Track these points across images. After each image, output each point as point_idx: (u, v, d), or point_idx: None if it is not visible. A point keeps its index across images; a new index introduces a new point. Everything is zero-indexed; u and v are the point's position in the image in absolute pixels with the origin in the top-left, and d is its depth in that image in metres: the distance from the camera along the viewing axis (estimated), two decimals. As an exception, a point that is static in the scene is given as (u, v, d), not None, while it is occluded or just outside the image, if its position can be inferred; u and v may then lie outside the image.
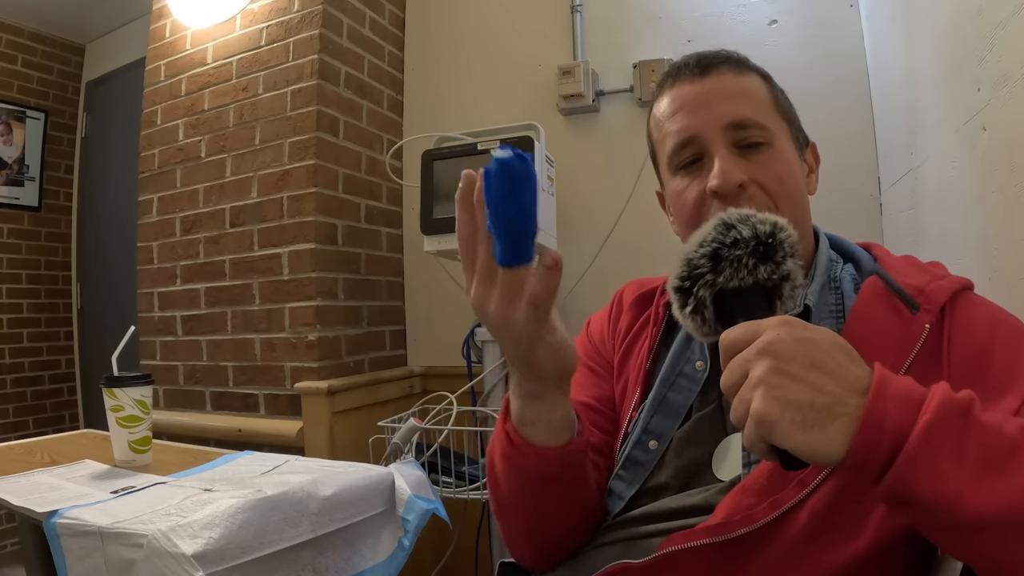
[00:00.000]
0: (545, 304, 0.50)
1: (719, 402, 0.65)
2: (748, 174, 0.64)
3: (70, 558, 0.73)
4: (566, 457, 0.59)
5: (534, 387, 0.56)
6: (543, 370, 0.54)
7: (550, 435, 0.59)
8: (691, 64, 0.69)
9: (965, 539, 0.41)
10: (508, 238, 0.46)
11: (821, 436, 0.41)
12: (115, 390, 1.01)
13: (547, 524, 0.66)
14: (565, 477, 0.61)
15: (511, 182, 0.44)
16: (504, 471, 0.63)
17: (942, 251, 1.04)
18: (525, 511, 0.65)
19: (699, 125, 0.66)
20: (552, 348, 0.53)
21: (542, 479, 0.61)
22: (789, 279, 0.53)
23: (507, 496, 0.64)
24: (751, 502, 0.56)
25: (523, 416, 0.59)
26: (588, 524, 0.68)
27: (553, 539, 0.67)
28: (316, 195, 1.64)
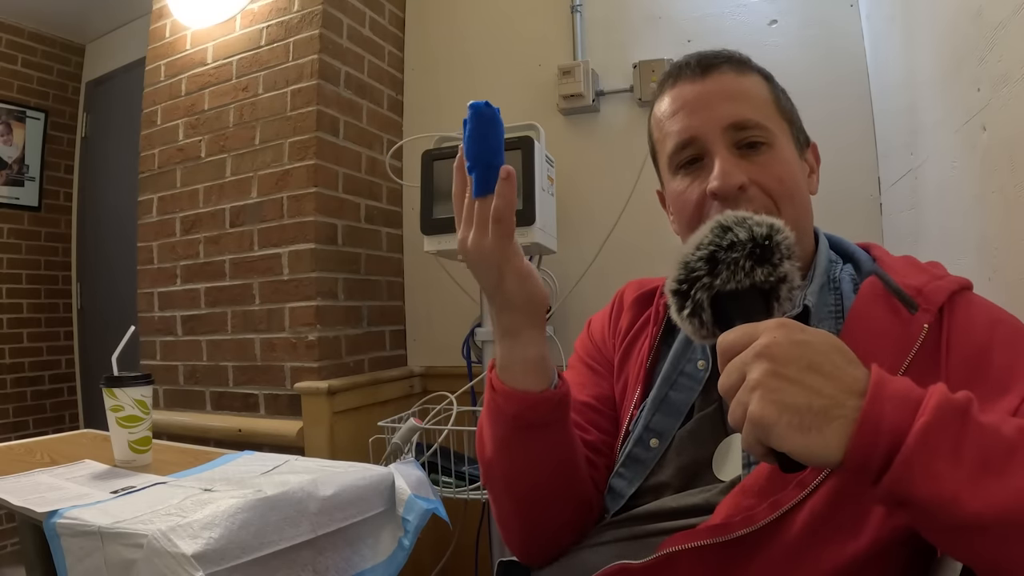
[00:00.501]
0: (506, 216, 0.56)
1: (720, 402, 0.65)
2: (748, 175, 0.64)
3: (70, 558, 0.73)
4: (543, 403, 0.62)
5: (508, 320, 0.61)
6: (513, 296, 0.60)
7: (526, 377, 0.62)
8: (692, 64, 0.69)
9: (964, 540, 0.41)
10: (480, 171, 0.57)
11: (818, 438, 0.41)
12: (115, 390, 1.01)
13: (531, 488, 0.66)
14: (543, 426, 0.63)
15: (481, 123, 0.57)
16: (488, 423, 0.66)
17: (942, 251, 1.04)
18: (507, 468, 0.66)
19: (699, 126, 0.66)
20: (518, 273, 0.59)
21: (522, 426, 0.63)
22: (786, 281, 0.53)
23: (492, 453, 0.66)
24: (751, 503, 0.56)
25: (502, 359, 0.63)
26: (577, 509, 0.68)
27: (538, 513, 0.67)
28: (316, 195, 1.64)
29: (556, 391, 0.63)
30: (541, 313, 0.62)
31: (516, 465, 0.65)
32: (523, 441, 0.64)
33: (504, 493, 0.68)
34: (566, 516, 0.68)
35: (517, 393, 0.62)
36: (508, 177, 0.55)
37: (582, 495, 0.69)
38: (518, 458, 0.65)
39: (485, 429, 0.67)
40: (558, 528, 0.68)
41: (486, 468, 0.68)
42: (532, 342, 0.62)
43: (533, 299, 0.60)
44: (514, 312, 0.61)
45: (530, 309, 0.61)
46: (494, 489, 0.69)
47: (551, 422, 0.63)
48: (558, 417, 0.64)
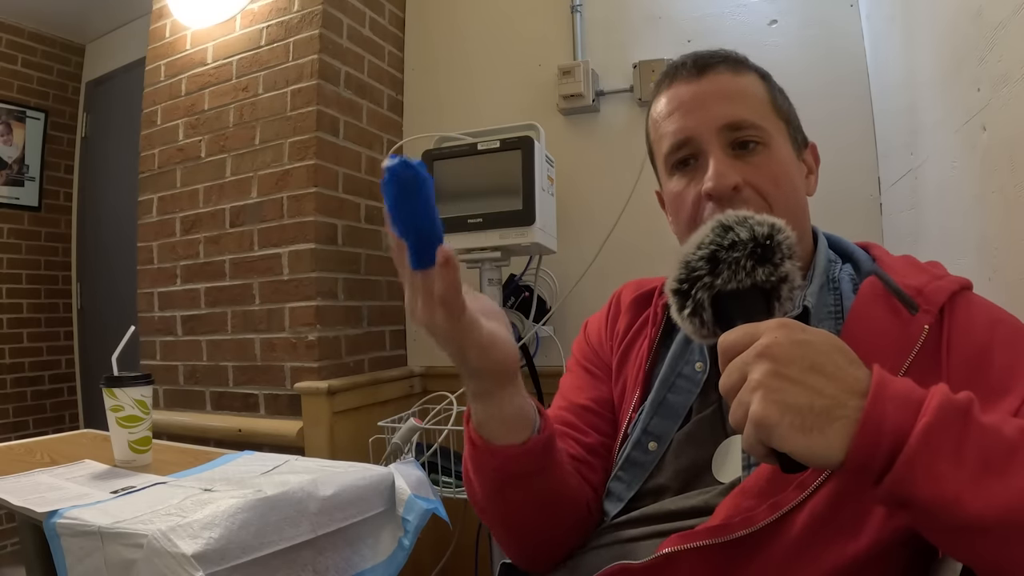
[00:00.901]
0: (451, 302, 0.49)
1: (719, 403, 0.65)
2: (743, 176, 0.64)
3: (70, 558, 0.73)
4: (525, 455, 0.60)
5: (476, 386, 0.57)
6: (476, 368, 0.55)
7: (504, 433, 0.59)
8: (688, 64, 0.69)
9: (965, 541, 0.41)
10: (412, 242, 0.48)
11: (820, 439, 0.41)
12: (115, 390, 1.01)
13: (525, 524, 0.66)
14: (530, 475, 0.61)
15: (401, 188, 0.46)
16: (474, 475, 0.64)
17: (942, 251, 1.04)
18: (500, 512, 0.65)
19: (694, 126, 0.66)
20: (479, 346, 0.53)
21: (506, 478, 0.61)
22: (787, 281, 0.52)
23: (482, 499, 0.65)
24: (751, 504, 0.56)
25: (477, 416, 0.60)
26: (576, 522, 0.68)
27: (536, 539, 0.67)
28: (316, 195, 1.64)
29: (539, 438, 0.60)
30: (510, 375, 0.57)
31: (509, 511, 0.65)
32: (513, 491, 0.62)
33: (500, 529, 0.68)
34: (564, 531, 0.68)
35: (498, 448, 0.59)
36: (447, 263, 0.47)
37: (579, 509, 0.68)
38: (510, 506, 0.64)
39: (472, 478, 0.65)
40: (558, 543, 0.68)
41: (479, 510, 0.68)
42: (505, 401, 0.58)
43: (499, 366, 0.56)
44: (480, 380, 0.57)
45: (497, 376, 0.57)
46: (486, 520, 0.69)
47: (538, 469, 0.61)
48: (545, 463, 0.62)
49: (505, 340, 0.56)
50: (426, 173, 0.46)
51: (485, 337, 0.53)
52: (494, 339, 0.54)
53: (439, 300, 0.49)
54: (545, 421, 0.62)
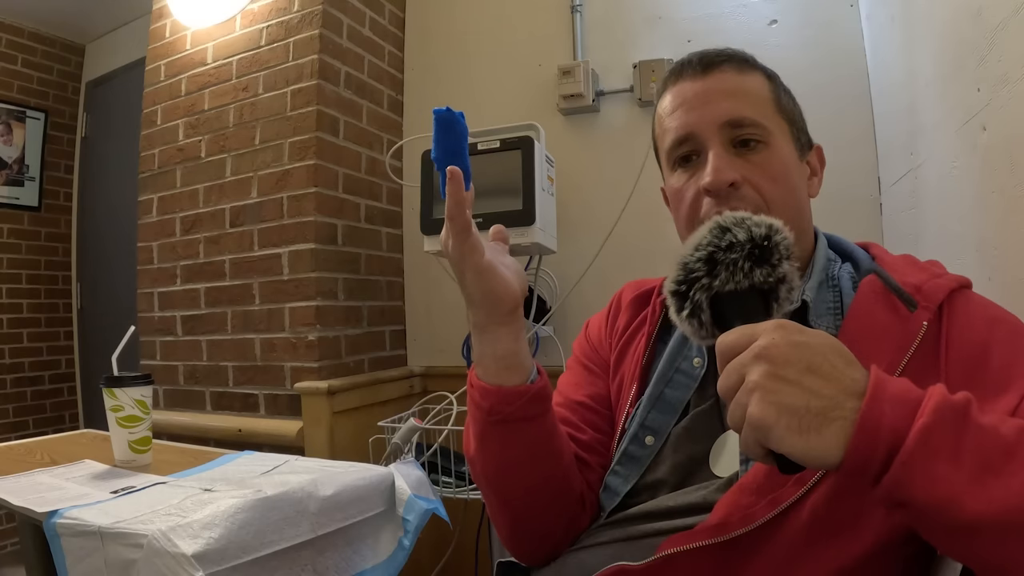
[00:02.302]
0: (455, 214, 0.56)
1: (716, 398, 0.65)
2: (741, 173, 0.64)
3: (70, 558, 0.73)
4: (514, 397, 0.62)
5: (473, 315, 0.62)
6: (471, 292, 0.59)
7: (498, 372, 0.62)
8: (694, 62, 0.69)
9: (963, 541, 0.41)
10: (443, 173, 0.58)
11: (817, 440, 0.41)
12: (115, 390, 1.01)
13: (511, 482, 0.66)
14: (518, 420, 0.63)
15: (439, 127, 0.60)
16: (469, 420, 0.66)
17: (942, 251, 1.04)
18: (488, 463, 0.66)
19: (696, 122, 0.67)
20: (476, 269, 0.58)
21: (495, 421, 0.63)
22: (785, 282, 0.53)
23: (474, 449, 0.66)
24: (749, 501, 0.56)
25: (475, 354, 0.64)
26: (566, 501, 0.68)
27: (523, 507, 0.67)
28: (316, 195, 1.64)
29: (531, 386, 0.63)
30: (506, 310, 0.61)
31: (495, 460, 0.66)
32: (500, 436, 0.64)
33: (488, 489, 0.69)
34: (554, 513, 0.68)
35: (490, 388, 0.62)
36: (452, 177, 0.56)
37: (569, 490, 0.68)
38: (496, 453, 0.65)
39: (468, 425, 0.68)
40: (548, 524, 0.68)
41: (471, 464, 0.69)
42: (500, 338, 0.61)
43: (492, 295, 0.59)
44: (476, 308, 0.61)
45: (490, 305, 0.60)
46: (480, 485, 0.70)
47: (527, 417, 0.63)
48: (534, 412, 0.63)
49: (505, 274, 0.60)
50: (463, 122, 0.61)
51: (484, 263, 0.58)
52: (493, 268, 0.59)
53: (447, 215, 0.56)
54: (541, 377, 0.65)
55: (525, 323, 0.64)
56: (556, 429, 0.67)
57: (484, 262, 0.58)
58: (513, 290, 0.60)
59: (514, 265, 0.63)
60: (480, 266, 0.58)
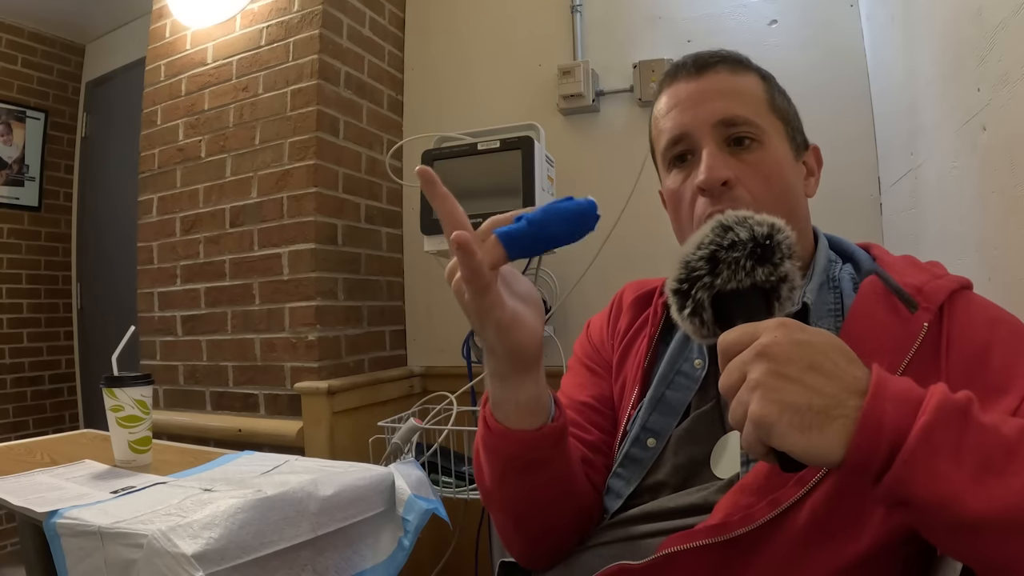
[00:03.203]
0: (479, 277, 0.50)
1: (717, 400, 0.65)
2: (734, 172, 0.64)
3: (70, 558, 0.73)
4: (539, 441, 0.60)
5: (495, 365, 0.58)
6: (496, 347, 0.55)
7: (519, 418, 0.59)
8: (689, 64, 0.70)
9: (965, 540, 0.41)
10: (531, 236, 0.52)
11: (819, 438, 0.41)
12: (115, 390, 1.01)
13: (529, 513, 0.66)
14: (541, 463, 0.61)
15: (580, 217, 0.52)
16: (485, 458, 0.64)
17: (942, 251, 1.04)
18: (507, 499, 0.65)
19: (690, 122, 0.67)
20: (501, 325, 0.53)
21: (517, 464, 0.61)
22: (787, 280, 0.52)
23: (490, 485, 0.65)
24: (750, 501, 0.56)
25: (494, 398, 0.60)
26: (578, 517, 0.68)
27: (538, 531, 0.67)
28: (316, 195, 1.64)
29: (552, 426, 0.60)
30: (530, 360, 0.57)
31: (516, 498, 0.65)
32: (522, 477, 0.62)
33: (503, 516, 0.68)
34: (566, 525, 0.68)
35: (512, 433, 0.59)
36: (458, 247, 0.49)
37: (582, 505, 0.68)
38: (517, 492, 0.64)
39: (483, 462, 0.65)
40: (559, 536, 0.68)
41: (485, 496, 0.68)
42: (524, 385, 0.58)
43: (517, 349, 0.55)
44: (498, 361, 0.57)
45: (514, 359, 0.56)
46: (493, 512, 0.69)
47: (549, 458, 0.62)
48: (556, 452, 0.62)
49: (529, 324, 0.56)
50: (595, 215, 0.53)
51: (507, 316, 0.53)
52: (517, 321, 0.54)
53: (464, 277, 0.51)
54: (560, 411, 0.62)
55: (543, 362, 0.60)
56: (573, 460, 0.66)
57: (507, 315, 0.53)
58: (538, 336, 0.57)
59: (532, 294, 0.58)
60: (502, 321, 0.53)
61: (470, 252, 0.49)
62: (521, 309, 0.55)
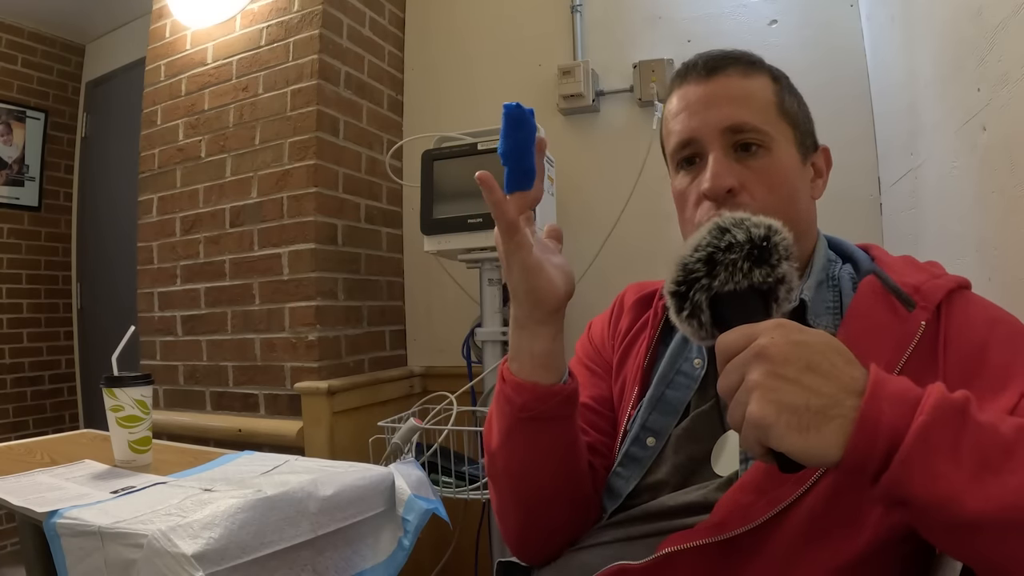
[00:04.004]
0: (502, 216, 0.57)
1: (717, 399, 0.65)
2: (740, 179, 0.64)
3: (70, 558, 0.73)
4: (548, 396, 0.62)
5: (515, 311, 0.62)
6: (516, 287, 0.60)
7: (533, 370, 0.62)
8: (699, 65, 0.69)
9: (963, 539, 0.41)
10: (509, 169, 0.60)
11: (817, 438, 0.41)
12: (115, 390, 1.01)
13: (530, 478, 0.66)
14: (548, 419, 0.63)
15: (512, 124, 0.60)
16: (495, 412, 0.66)
17: (942, 251, 1.04)
18: (510, 456, 0.66)
19: (698, 127, 0.67)
20: (522, 266, 0.59)
21: (526, 418, 0.63)
22: (784, 282, 0.53)
23: (496, 443, 0.66)
24: (749, 500, 0.57)
25: (512, 348, 0.64)
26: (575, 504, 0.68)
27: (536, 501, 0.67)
28: (316, 195, 1.64)
29: (564, 386, 0.63)
30: (549, 309, 0.61)
31: (519, 456, 0.66)
32: (528, 433, 0.64)
33: (506, 486, 0.68)
34: (565, 514, 0.68)
35: (525, 384, 0.62)
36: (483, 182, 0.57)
37: (582, 495, 0.69)
38: (521, 449, 0.65)
39: (493, 419, 0.68)
40: (556, 526, 0.68)
41: (490, 458, 0.69)
42: (539, 336, 0.62)
43: (536, 293, 0.60)
44: (519, 304, 0.61)
45: (533, 303, 0.60)
46: (496, 481, 0.70)
47: (556, 417, 0.63)
48: (564, 413, 0.64)
49: (550, 276, 0.60)
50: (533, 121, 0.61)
51: (532, 260, 0.59)
52: (541, 267, 0.60)
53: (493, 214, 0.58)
54: (573, 379, 0.65)
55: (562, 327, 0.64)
56: (579, 432, 0.68)
57: (532, 260, 0.59)
58: (558, 290, 0.61)
59: (564, 265, 0.63)
60: (527, 263, 0.58)
61: (490, 186, 0.56)
62: (549, 263, 0.61)
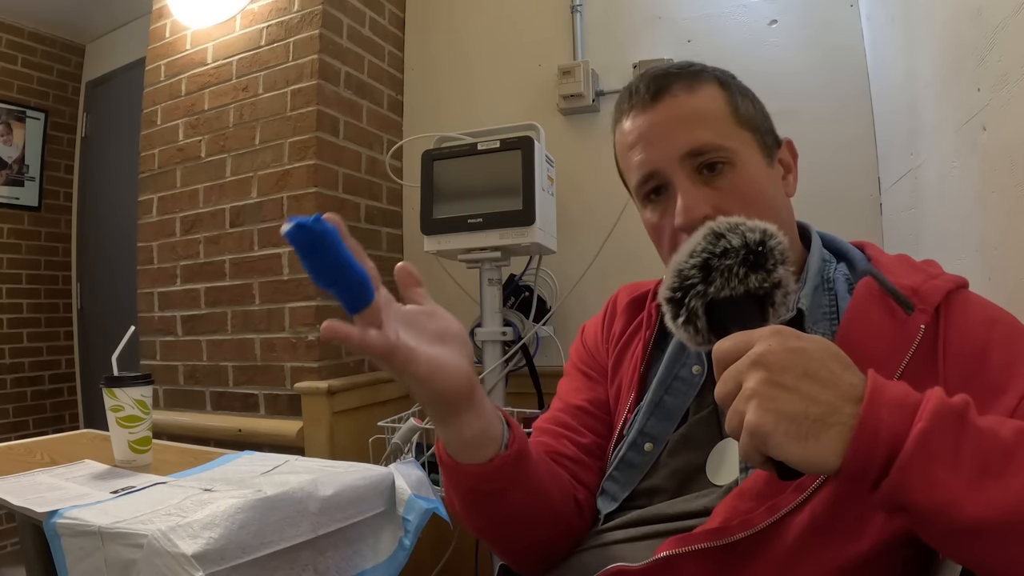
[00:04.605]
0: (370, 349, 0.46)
1: (715, 406, 0.65)
2: (711, 204, 0.63)
3: (70, 558, 0.73)
4: (492, 473, 0.58)
5: (430, 411, 0.55)
6: (423, 398, 0.52)
7: (468, 453, 0.58)
8: (642, 90, 0.67)
9: (963, 544, 0.41)
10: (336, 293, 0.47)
11: (816, 446, 0.41)
12: (115, 390, 1.01)
13: (503, 535, 0.66)
14: (500, 492, 0.60)
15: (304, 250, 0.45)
16: (449, 489, 0.63)
17: (942, 251, 1.04)
18: (478, 525, 0.65)
19: (656, 158, 0.65)
20: (418, 378, 0.50)
21: (478, 495, 0.60)
22: (781, 286, 0.52)
23: (460, 512, 0.65)
24: (749, 506, 0.56)
25: (443, 438, 0.59)
26: (559, 530, 0.68)
27: (518, 548, 0.68)
28: (316, 195, 1.64)
29: (507, 455, 0.58)
30: (463, 400, 0.54)
31: (486, 524, 0.65)
32: (486, 506, 0.62)
33: (483, 539, 0.68)
34: (550, 539, 0.68)
35: (466, 468, 0.58)
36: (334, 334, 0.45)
37: (563, 518, 0.68)
38: (486, 519, 0.64)
39: (449, 492, 0.64)
40: (546, 550, 0.68)
41: (461, 520, 0.67)
42: (464, 425, 0.55)
43: (443, 395, 0.52)
44: (430, 407, 0.54)
45: (445, 404, 0.53)
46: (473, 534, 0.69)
47: (509, 485, 0.60)
48: (516, 477, 0.60)
49: (450, 368, 0.51)
50: (324, 227, 0.45)
51: (423, 369, 0.49)
52: (435, 369, 0.50)
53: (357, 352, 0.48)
54: (514, 436, 0.59)
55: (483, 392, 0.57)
56: (539, 476, 0.64)
57: (423, 368, 0.49)
58: (465, 376, 0.52)
59: (451, 328, 0.53)
60: (420, 374, 0.49)
61: (343, 338, 0.45)
62: (438, 353, 0.51)
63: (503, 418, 0.60)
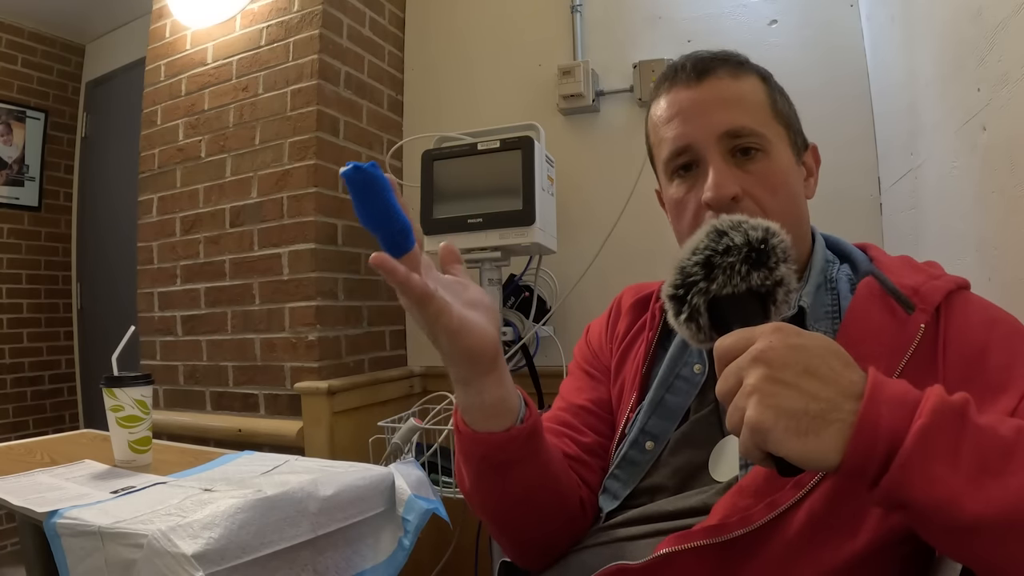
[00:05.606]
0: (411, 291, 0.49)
1: (716, 404, 0.66)
2: (742, 185, 0.64)
3: (70, 558, 0.73)
4: (507, 443, 0.59)
5: (454, 372, 0.57)
6: (449, 353, 0.55)
7: (486, 421, 0.59)
8: (688, 68, 0.68)
9: (963, 542, 0.41)
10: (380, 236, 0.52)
11: (816, 443, 0.41)
12: (115, 390, 1.01)
13: (511, 514, 0.66)
14: (513, 463, 0.61)
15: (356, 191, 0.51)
16: (460, 461, 0.64)
17: (942, 251, 1.04)
18: (485, 501, 0.66)
19: (693, 133, 0.66)
20: (448, 332, 0.52)
21: (489, 466, 0.61)
22: (783, 284, 0.52)
23: (469, 487, 0.65)
24: (748, 503, 0.56)
25: (460, 403, 0.60)
26: (563, 519, 0.68)
27: (523, 532, 0.68)
28: (316, 195, 1.64)
29: (522, 427, 0.60)
30: (487, 363, 0.56)
31: (494, 499, 0.65)
32: (496, 478, 0.62)
33: (489, 520, 0.68)
34: (556, 529, 0.68)
35: (481, 436, 0.59)
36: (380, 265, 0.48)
37: (568, 509, 0.68)
38: (494, 493, 0.64)
39: (461, 465, 0.66)
40: (550, 538, 0.68)
41: (467, 498, 0.68)
42: (486, 388, 0.58)
43: (469, 354, 0.55)
44: (456, 366, 0.56)
45: (470, 363, 0.56)
46: (477, 513, 0.69)
47: (521, 458, 0.61)
48: (528, 452, 0.62)
49: (479, 329, 0.54)
50: (378, 172, 0.50)
51: (455, 323, 0.52)
52: (465, 326, 0.53)
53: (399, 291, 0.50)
54: (530, 412, 0.62)
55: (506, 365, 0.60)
56: (550, 457, 0.65)
57: (455, 322, 0.52)
58: (492, 339, 0.56)
59: (483, 300, 0.57)
60: (451, 327, 0.52)
61: (390, 268, 0.48)
62: (470, 315, 0.54)
63: (521, 396, 0.62)
